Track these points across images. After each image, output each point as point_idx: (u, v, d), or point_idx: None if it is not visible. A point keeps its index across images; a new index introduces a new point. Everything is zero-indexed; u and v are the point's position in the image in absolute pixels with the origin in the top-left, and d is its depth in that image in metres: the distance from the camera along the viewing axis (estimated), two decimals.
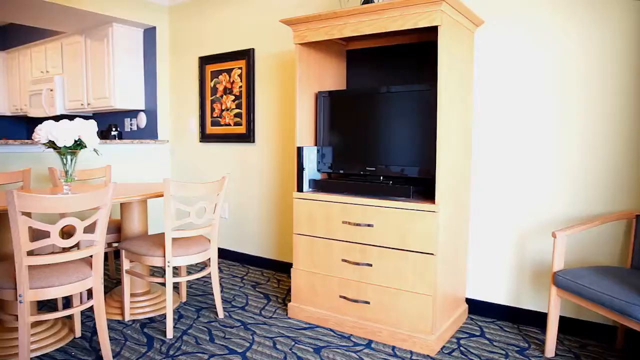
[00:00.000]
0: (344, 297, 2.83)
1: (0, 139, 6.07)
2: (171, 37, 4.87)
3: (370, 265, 2.72)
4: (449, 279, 2.74)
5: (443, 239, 2.60)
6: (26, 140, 3.80)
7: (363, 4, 2.79)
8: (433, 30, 2.52)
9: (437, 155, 2.48)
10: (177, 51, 4.83)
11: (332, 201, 2.85)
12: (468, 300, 3.12)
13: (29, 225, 2.12)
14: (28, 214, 2.14)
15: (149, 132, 4.97)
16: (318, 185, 3.03)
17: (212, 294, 3.47)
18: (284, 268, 4.06)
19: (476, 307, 3.11)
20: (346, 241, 2.81)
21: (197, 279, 3.73)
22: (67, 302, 3.24)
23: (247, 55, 4.17)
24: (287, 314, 3.12)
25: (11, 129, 7.17)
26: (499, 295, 3.04)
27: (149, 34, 4.87)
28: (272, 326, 2.93)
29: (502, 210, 2.98)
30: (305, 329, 2.89)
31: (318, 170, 3.12)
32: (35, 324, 2.64)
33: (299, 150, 3.00)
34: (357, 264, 2.77)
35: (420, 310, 2.57)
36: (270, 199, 4.16)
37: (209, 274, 3.02)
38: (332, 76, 3.29)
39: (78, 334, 2.74)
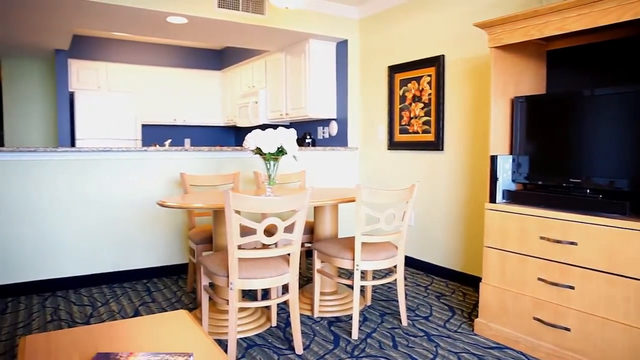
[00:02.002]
0: (539, 320, 2.59)
1: (215, 146, 7.01)
2: (361, 49, 5.07)
3: (572, 287, 2.44)
4: None
5: None
6: (236, 147, 4.32)
7: None
8: None
9: None
10: (366, 61, 5.01)
11: (528, 214, 2.64)
12: None
13: (240, 222, 2.40)
14: (238, 212, 2.42)
15: (340, 140, 5.24)
16: (512, 197, 2.84)
17: (396, 301, 3.49)
18: (470, 281, 3.89)
19: None
20: (543, 258, 2.58)
21: (381, 284, 3.79)
22: (265, 294, 3.58)
23: (436, 62, 4.11)
24: (472, 330, 2.98)
25: (222, 137, 8.27)
26: None
27: (341, 47, 5.14)
28: (456, 341, 2.83)
29: None
30: (492, 348, 2.73)
31: (513, 181, 2.92)
32: (241, 310, 2.98)
33: (493, 159, 2.85)
34: (556, 284, 2.51)
35: (635, 347, 2.21)
36: (457, 209, 4.03)
37: (394, 280, 3.05)
38: (529, 80, 3.06)
39: (274, 323, 3.01)
